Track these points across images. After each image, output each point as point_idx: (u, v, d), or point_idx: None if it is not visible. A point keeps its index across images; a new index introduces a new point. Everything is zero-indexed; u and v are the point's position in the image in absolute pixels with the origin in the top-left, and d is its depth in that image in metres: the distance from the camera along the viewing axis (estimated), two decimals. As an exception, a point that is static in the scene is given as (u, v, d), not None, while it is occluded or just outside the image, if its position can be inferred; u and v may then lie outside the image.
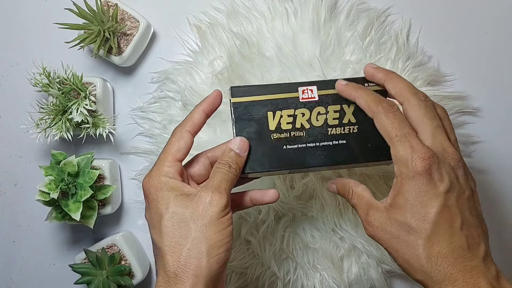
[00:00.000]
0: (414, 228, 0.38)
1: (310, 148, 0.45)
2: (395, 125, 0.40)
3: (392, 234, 0.39)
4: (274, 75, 0.61)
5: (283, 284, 0.64)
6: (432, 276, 0.37)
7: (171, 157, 0.43)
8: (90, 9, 0.59)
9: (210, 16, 0.66)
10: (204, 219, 0.40)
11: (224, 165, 0.43)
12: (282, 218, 0.63)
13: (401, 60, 0.63)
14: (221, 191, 0.41)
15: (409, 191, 0.38)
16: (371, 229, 0.41)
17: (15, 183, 0.69)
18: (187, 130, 0.44)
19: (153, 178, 0.42)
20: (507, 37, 0.66)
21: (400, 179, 0.39)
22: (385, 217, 0.40)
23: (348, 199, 0.45)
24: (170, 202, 0.41)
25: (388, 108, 0.41)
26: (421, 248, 0.38)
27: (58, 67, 0.60)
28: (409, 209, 0.38)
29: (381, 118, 0.40)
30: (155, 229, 0.41)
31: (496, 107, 0.67)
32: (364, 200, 0.43)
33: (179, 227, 0.40)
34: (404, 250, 0.39)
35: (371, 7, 0.65)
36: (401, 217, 0.39)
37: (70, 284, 0.67)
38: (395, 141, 0.39)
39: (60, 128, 0.59)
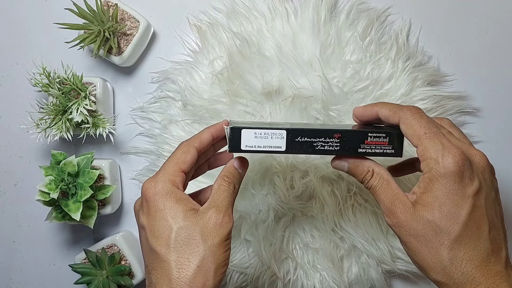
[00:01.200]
0: (442, 228, 0.37)
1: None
2: (423, 123, 0.39)
3: (416, 232, 0.38)
4: (274, 75, 0.61)
5: (283, 284, 0.64)
6: (454, 278, 0.37)
7: (177, 167, 0.43)
8: (90, 9, 0.59)
9: (210, 16, 0.66)
10: (214, 239, 0.40)
11: (229, 184, 0.44)
12: (282, 218, 0.63)
13: (401, 60, 0.63)
14: (230, 214, 0.42)
15: (439, 189, 0.37)
16: (395, 220, 0.39)
17: (15, 183, 0.69)
18: (194, 146, 0.44)
19: (158, 183, 0.41)
20: (507, 37, 0.66)
21: (429, 176, 0.38)
22: (411, 212, 0.38)
23: (364, 180, 0.43)
24: (179, 216, 0.40)
25: (414, 109, 0.40)
26: (447, 249, 0.37)
27: (58, 67, 0.60)
28: (438, 208, 0.37)
29: (408, 119, 0.40)
30: (160, 240, 0.40)
31: (496, 107, 0.67)
32: (390, 186, 0.41)
33: (189, 243, 0.40)
34: (425, 249, 0.38)
35: (371, 7, 0.65)
36: (429, 216, 0.37)
37: (70, 284, 0.67)
38: (424, 138, 0.38)
39: (60, 128, 0.59)
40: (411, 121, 0.40)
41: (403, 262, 0.64)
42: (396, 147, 0.42)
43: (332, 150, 0.42)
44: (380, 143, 0.42)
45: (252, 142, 0.42)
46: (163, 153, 0.65)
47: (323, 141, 0.42)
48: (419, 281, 0.68)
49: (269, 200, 0.61)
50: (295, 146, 0.42)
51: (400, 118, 0.40)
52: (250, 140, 0.42)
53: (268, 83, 0.60)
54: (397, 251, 0.63)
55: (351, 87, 0.61)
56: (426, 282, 0.68)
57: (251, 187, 0.61)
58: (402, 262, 0.64)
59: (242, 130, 0.42)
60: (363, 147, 0.42)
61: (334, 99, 0.60)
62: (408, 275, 0.65)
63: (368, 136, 0.42)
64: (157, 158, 0.66)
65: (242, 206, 0.62)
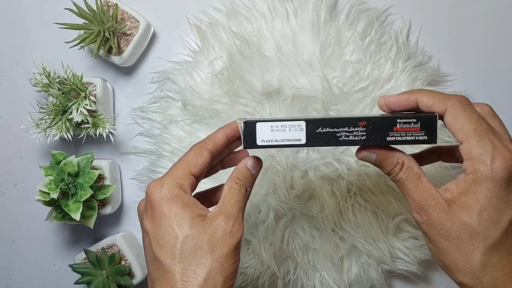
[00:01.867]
0: (479, 233, 0.35)
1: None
2: (474, 119, 0.36)
3: (449, 233, 0.36)
4: (274, 75, 0.61)
5: (283, 284, 0.64)
6: (483, 283, 0.36)
7: (187, 169, 0.40)
8: (90, 9, 0.59)
9: (210, 16, 0.66)
10: (222, 249, 0.38)
11: (241, 187, 0.41)
12: (282, 218, 0.63)
13: (401, 60, 0.63)
14: (240, 222, 0.39)
15: (482, 193, 0.35)
16: (425, 218, 0.37)
17: (15, 183, 0.69)
18: (208, 149, 0.41)
19: (165, 186, 0.38)
20: (507, 37, 0.66)
21: (473, 177, 0.36)
22: (446, 212, 0.36)
23: (392, 172, 0.40)
24: (185, 223, 0.37)
25: (463, 99, 0.37)
26: (480, 254, 0.36)
27: (58, 67, 0.60)
28: (478, 212, 0.35)
29: (457, 111, 0.36)
30: (165, 249, 0.37)
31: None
32: (421, 180, 0.38)
33: (196, 254, 0.37)
34: (456, 251, 0.36)
35: (371, 7, 0.65)
36: (467, 219, 0.36)
37: (70, 284, 0.67)
38: (474, 135, 0.35)
39: (60, 128, 0.59)
40: (461, 114, 0.36)
41: (403, 262, 0.64)
42: (429, 133, 0.38)
43: (358, 140, 0.38)
44: (411, 130, 0.38)
45: (269, 136, 0.39)
46: (163, 153, 0.65)
47: (347, 130, 0.38)
48: (419, 281, 0.68)
49: (269, 200, 0.61)
50: (316, 137, 0.38)
51: (448, 109, 0.37)
52: (266, 134, 0.39)
53: (268, 83, 0.60)
54: (397, 251, 0.63)
55: (351, 87, 0.61)
56: (426, 282, 0.68)
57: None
58: (402, 262, 0.64)
59: (257, 124, 0.38)
60: (392, 135, 0.38)
61: (334, 99, 0.60)
62: (408, 275, 0.65)
63: (397, 122, 0.38)
64: (157, 158, 0.66)
65: (242, 206, 0.62)
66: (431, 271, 0.68)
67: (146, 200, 0.40)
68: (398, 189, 0.62)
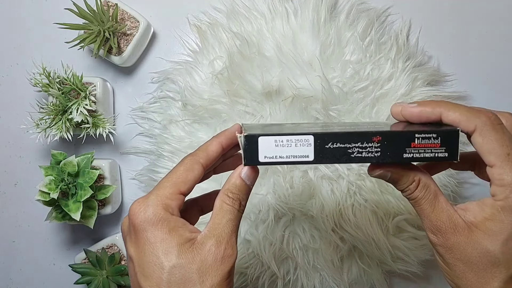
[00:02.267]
0: (502, 262, 0.34)
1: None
2: (506, 141, 0.33)
3: (469, 258, 0.34)
4: (274, 75, 0.61)
5: (283, 284, 0.64)
6: None
7: (175, 188, 0.36)
8: (90, 9, 0.59)
9: (210, 16, 0.66)
10: (213, 279, 0.34)
11: (234, 202, 0.37)
12: (282, 218, 0.63)
13: (401, 60, 0.63)
14: (233, 244, 0.35)
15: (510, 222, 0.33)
16: (442, 240, 0.35)
17: (15, 183, 0.69)
18: (200, 163, 0.37)
19: (149, 208, 0.34)
20: (507, 37, 0.66)
21: (502, 204, 0.34)
22: (466, 236, 0.34)
23: (407, 190, 0.37)
24: (172, 252, 0.34)
25: (494, 118, 0.34)
26: (500, 282, 0.34)
27: (58, 67, 0.60)
28: (504, 241, 0.34)
29: (489, 132, 0.33)
30: (150, 280, 0.34)
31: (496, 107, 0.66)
32: (438, 199, 0.36)
33: (184, 285, 0.33)
34: (474, 277, 0.35)
35: (371, 7, 0.65)
36: (491, 246, 0.34)
37: (70, 284, 0.67)
38: (507, 160, 0.33)
39: (60, 128, 0.59)
40: (492, 135, 0.33)
41: (403, 262, 0.64)
42: (450, 149, 0.34)
43: (372, 157, 0.34)
44: (431, 146, 0.34)
45: (272, 152, 0.34)
46: (163, 153, 0.65)
47: (360, 146, 0.34)
48: (419, 281, 0.68)
49: (269, 200, 0.61)
50: (325, 154, 0.34)
51: (477, 128, 0.34)
52: (269, 149, 0.34)
53: (268, 83, 0.60)
54: (397, 251, 0.63)
55: (351, 87, 0.61)
56: (426, 282, 0.68)
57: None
58: (402, 262, 0.64)
59: (260, 138, 0.34)
60: (409, 151, 0.34)
61: (334, 99, 0.60)
62: (408, 275, 0.65)
63: (415, 137, 0.34)
64: (157, 158, 0.66)
65: (242, 206, 0.62)
66: (431, 271, 0.68)
67: (129, 222, 0.36)
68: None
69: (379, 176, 0.37)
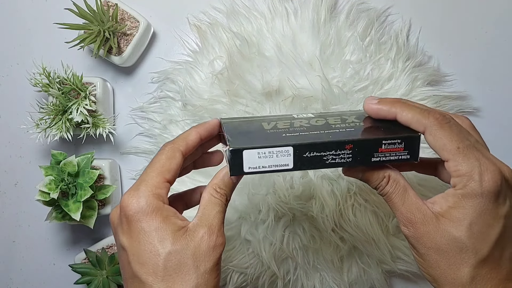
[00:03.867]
0: (469, 247, 0.35)
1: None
2: (454, 136, 0.36)
3: (438, 246, 0.36)
4: (274, 75, 0.61)
5: (283, 284, 0.64)
6: None
7: (162, 176, 0.37)
8: (90, 9, 0.59)
9: (210, 16, 0.66)
10: (206, 264, 0.36)
11: (222, 196, 0.39)
12: (282, 218, 0.63)
13: (401, 60, 0.63)
14: (222, 234, 0.38)
15: (472, 207, 0.35)
16: (413, 231, 0.37)
17: (15, 183, 0.69)
18: (180, 150, 0.39)
19: (142, 199, 0.36)
20: (507, 37, 0.66)
21: (462, 192, 0.35)
22: (434, 225, 0.36)
23: (379, 187, 0.39)
24: (167, 239, 0.35)
25: (442, 118, 0.37)
26: (470, 267, 0.36)
27: (58, 67, 0.60)
28: (468, 226, 0.35)
29: (437, 131, 0.36)
30: (146, 267, 0.35)
31: (496, 107, 0.67)
32: (407, 193, 0.38)
33: (180, 271, 0.35)
34: (445, 265, 0.36)
35: (371, 7, 0.65)
36: (456, 233, 0.35)
37: (70, 284, 0.67)
38: (457, 153, 0.35)
39: (60, 128, 0.59)
40: (440, 134, 0.36)
41: (403, 262, 0.64)
42: (412, 152, 0.39)
43: (344, 162, 0.38)
44: (396, 150, 0.38)
45: (256, 163, 0.37)
46: (163, 153, 0.65)
47: (334, 153, 0.38)
48: (419, 281, 0.68)
49: (269, 200, 0.61)
50: (303, 162, 0.38)
51: (427, 128, 0.37)
52: (253, 161, 0.37)
53: (268, 83, 0.60)
54: (397, 251, 0.63)
55: (351, 87, 0.61)
56: (426, 282, 0.68)
57: (251, 187, 0.61)
58: (402, 262, 0.64)
59: (244, 152, 0.37)
60: (376, 156, 0.38)
61: (334, 99, 0.60)
62: (408, 275, 0.65)
63: (382, 143, 0.38)
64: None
65: (242, 206, 0.62)
66: (431, 271, 0.68)
67: (121, 213, 0.37)
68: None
69: (351, 175, 0.41)
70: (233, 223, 0.63)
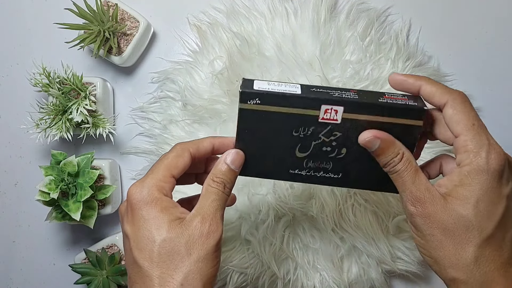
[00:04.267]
0: (475, 225, 0.36)
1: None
2: (473, 114, 0.37)
3: (446, 225, 0.36)
4: (274, 75, 0.61)
5: (283, 284, 0.64)
6: (475, 276, 0.36)
7: (168, 171, 0.40)
8: (90, 9, 0.59)
9: (210, 16, 0.66)
10: (199, 252, 0.37)
11: (219, 185, 0.40)
12: (282, 218, 0.63)
13: (401, 60, 0.63)
14: (218, 221, 0.39)
15: (479, 184, 0.36)
16: (420, 210, 0.37)
17: (15, 183, 0.69)
18: (189, 151, 0.41)
19: (144, 189, 0.38)
20: (507, 37, 0.66)
21: (469, 169, 0.36)
22: (442, 204, 0.37)
23: (391, 162, 0.39)
24: (163, 227, 0.37)
25: (463, 95, 0.38)
26: (475, 247, 0.36)
27: (58, 67, 0.60)
28: (474, 204, 0.36)
29: (459, 105, 0.37)
30: (143, 253, 0.37)
31: (496, 107, 0.67)
32: (418, 174, 0.38)
33: (173, 258, 0.37)
34: (451, 244, 0.37)
35: (371, 7, 0.65)
36: (464, 211, 0.36)
37: (70, 284, 0.67)
38: (472, 129, 0.37)
39: (60, 128, 0.59)
40: (461, 108, 0.37)
41: (403, 262, 0.64)
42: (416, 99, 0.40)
43: (350, 98, 0.39)
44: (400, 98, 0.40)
45: (266, 86, 0.39)
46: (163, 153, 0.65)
47: (340, 92, 0.39)
48: (419, 281, 0.68)
49: (269, 200, 0.61)
50: (310, 92, 0.39)
51: (449, 101, 0.38)
52: (263, 85, 0.39)
53: (268, 83, 0.60)
54: (397, 251, 0.63)
55: (351, 87, 0.61)
56: (426, 282, 0.68)
57: (251, 187, 0.61)
58: (402, 262, 0.64)
59: (255, 81, 0.40)
60: (383, 99, 0.39)
61: (334, 99, 0.60)
62: (408, 275, 0.65)
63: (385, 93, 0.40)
64: (157, 158, 0.66)
65: (242, 206, 0.62)
66: (431, 271, 0.68)
67: (127, 203, 0.39)
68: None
69: (369, 142, 0.39)
70: (233, 223, 0.63)
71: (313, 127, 0.40)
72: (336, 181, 0.43)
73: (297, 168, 0.43)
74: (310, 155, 0.42)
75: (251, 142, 0.41)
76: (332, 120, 0.40)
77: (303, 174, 0.43)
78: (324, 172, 0.43)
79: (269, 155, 0.42)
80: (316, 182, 0.43)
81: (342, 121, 0.40)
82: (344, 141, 0.41)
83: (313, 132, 0.40)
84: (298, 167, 0.42)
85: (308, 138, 0.41)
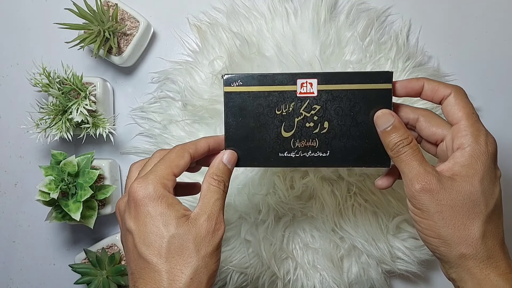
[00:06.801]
0: (481, 201, 0.39)
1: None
2: (471, 105, 0.42)
3: (455, 202, 0.39)
4: (274, 75, 0.61)
5: (283, 284, 0.64)
6: (482, 251, 0.39)
7: (170, 170, 0.41)
8: (90, 9, 0.59)
9: (210, 16, 0.66)
10: (206, 248, 0.39)
11: (219, 184, 0.42)
12: (282, 218, 0.63)
13: (401, 60, 0.63)
14: (221, 220, 0.41)
15: (482, 164, 0.39)
16: (428, 187, 0.39)
17: (15, 183, 0.69)
18: (189, 152, 0.43)
19: (150, 186, 0.39)
20: (507, 37, 0.66)
21: (471, 150, 0.39)
22: (450, 184, 0.39)
23: (399, 143, 0.41)
24: (171, 223, 0.38)
25: (464, 91, 0.42)
26: (481, 222, 0.39)
27: (58, 67, 0.60)
28: (480, 181, 0.39)
29: (461, 95, 0.42)
30: (151, 248, 0.38)
31: (496, 107, 0.67)
32: (424, 159, 0.41)
33: (182, 253, 0.38)
34: (459, 220, 0.39)
35: (371, 7, 0.65)
36: (471, 188, 0.39)
37: (70, 284, 0.67)
38: (473, 117, 0.41)
39: (60, 128, 0.59)
40: (464, 98, 0.41)
41: (403, 262, 0.64)
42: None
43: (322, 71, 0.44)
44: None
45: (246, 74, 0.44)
46: (163, 153, 0.65)
47: None
48: (419, 281, 0.68)
49: (269, 200, 0.61)
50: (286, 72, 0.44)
51: (453, 92, 0.42)
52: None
53: (268, 83, 0.60)
54: (397, 251, 0.63)
55: (351, 87, 0.61)
56: (426, 282, 0.68)
57: (251, 187, 0.61)
58: (402, 262, 0.64)
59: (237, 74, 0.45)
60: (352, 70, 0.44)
61: (334, 99, 0.60)
62: (408, 275, 0.65)
63: None
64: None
65: (242, 206, 0.62)
66: (431, 271, 0.68)
67: (129, 199, 0.40)
68: (397, 189, 0.62)
69: (383, 117, 0.43)
70: (233, 223, 0.63)
71: (293, 103, 0.44)
72: (326, 160, 0.45)
73: (286, 150, 0.45)
74: (295, 134, 0.44)
75: (238, 127, 0.44)
76: (309, 93, 0.43)
77: (293, 157, 0.44)
78: (312, 152, 0.44)
79: (257, 139, 0.45)
80: (307, 164, 0.45)
81: (319, 94, 0.43)
82: (324, 114, 0.44)
83: (294, 108, 0.44)
84: (287, 148, 0.45)
85: (290, 115, 0.44)
